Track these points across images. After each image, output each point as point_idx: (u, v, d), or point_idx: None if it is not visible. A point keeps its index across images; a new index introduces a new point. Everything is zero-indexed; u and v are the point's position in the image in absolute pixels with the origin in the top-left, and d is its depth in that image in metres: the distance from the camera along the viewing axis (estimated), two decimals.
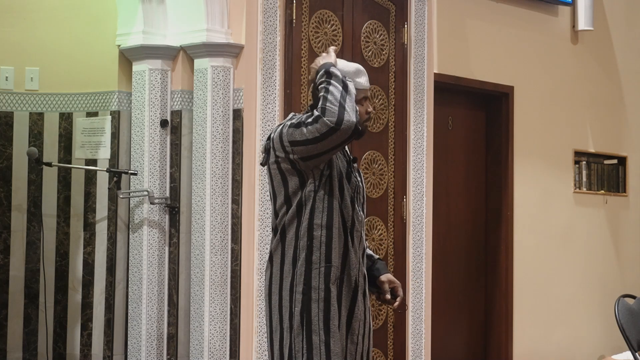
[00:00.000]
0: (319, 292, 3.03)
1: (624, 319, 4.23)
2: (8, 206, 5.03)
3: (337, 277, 3.06)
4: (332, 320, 3.03)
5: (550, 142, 6.74)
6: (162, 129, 4.87)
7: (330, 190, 3.07)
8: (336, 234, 3.07)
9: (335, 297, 3.05)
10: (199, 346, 4.69)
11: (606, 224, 7.19)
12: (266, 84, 4.66)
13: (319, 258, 3.05)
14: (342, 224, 3.08)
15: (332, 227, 3.06)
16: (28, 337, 5.03)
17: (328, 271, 3.04)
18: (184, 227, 4.85)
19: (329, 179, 3.07)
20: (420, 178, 5.29)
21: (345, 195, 3.10)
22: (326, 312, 3.03)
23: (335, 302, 3.05)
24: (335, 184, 3.08)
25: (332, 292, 3.04)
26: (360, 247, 3.18)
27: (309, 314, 3.03)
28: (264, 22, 4.66)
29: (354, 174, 3.18)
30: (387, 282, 3.25)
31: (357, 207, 3.15)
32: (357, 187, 3.18)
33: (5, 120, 5.06)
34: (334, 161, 3.08)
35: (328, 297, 3.03)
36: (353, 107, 2.96)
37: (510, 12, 6.46)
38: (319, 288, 3.03)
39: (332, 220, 3.06)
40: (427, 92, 5.34)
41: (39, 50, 5.11)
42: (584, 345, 6.92)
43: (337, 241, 3.07)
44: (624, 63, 7.36)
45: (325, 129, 2.92)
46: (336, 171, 3.09)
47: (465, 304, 6.33)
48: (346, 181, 3.12)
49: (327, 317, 3.03)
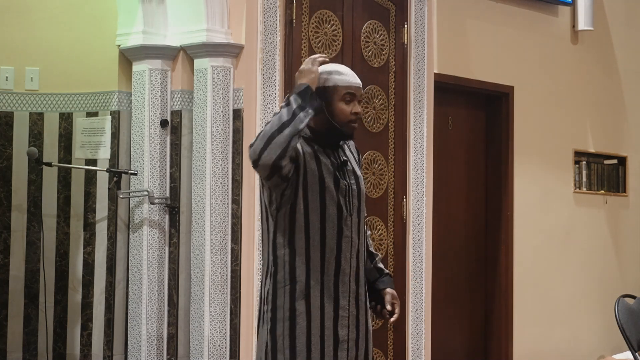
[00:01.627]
0: (284, 311, 3.04)
1: (624, 319, 4.23)
2: (8, 206, 5.03)
3: (304, 293, 3.04)
4: (297, 338, 3.03)
5: (550, 142, 6.74)
6: (162, 129, 4.87)
7: (293, 208, 3.04)
8: (301, 250, 3.04)
9: (303, 314, 3.04)
10: (199, 346, 4.69)
11: (606, 224, 7.19)
12: (266, 84, 4.66)
13: (283, 277, 3.05)
14: (321, 235, 3.06)
15: (295, 245, 3.05)
16: (28, 337, 5.03)
17: (293, 289, 3.04)
18: (184, 227, 4.85)
19: (293, 196, 3.04)
20: (420, 178, 5.29)
21: (328, 206, 3.07)
22: (292, 330, 3.03)
23: (302, 320, 3.04)
24: (299, 202, 3.04)
25: (298, 310, 3.04)
26: (354, 251, 3.13)
27: (274, 333, 3.05)
28: (264, 22, 4.66)
29: (345, 178, 3.13)
30: (392, 296, 3.23)
31: (347, 212, 3.11)
32: (348, 191, 3.12)
33: (5, 120, 5.06)
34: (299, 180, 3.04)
35: (294, 316, 3.03)
36: (283, 144, 2.89)
37: (510, 12, 6.46)
38: (284, 307, 3.04)
39: (293, 238, 3.04)
40: (427, 92, 5.34)
41: (39, 50, 5.11)
42: (584, 345, 6.92)
43: (303, 258, 3.05)
44: (624, 63, 7.36)
45: (250, 160, 2.95)
46: (307, 185, 3.04)
47: (465, 304, 6.33)
48: (333, 189, 3.07)
49: (293, 335, 3.03)
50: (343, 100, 3.10)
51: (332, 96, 3.10)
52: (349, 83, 3.12)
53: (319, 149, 3.11)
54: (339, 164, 3.14)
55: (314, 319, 3.05)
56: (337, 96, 3.10)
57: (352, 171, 3.18)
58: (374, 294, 3.26)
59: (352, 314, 3.13)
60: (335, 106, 3.10)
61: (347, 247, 3.11)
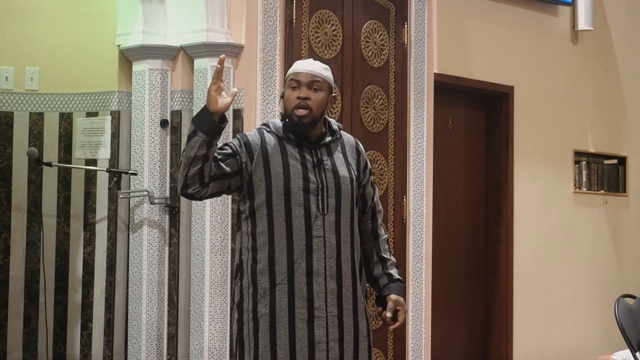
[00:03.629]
0: (248, 312, 3.08)
1: (624, 319, 4.22)
2: (8, 206, 5.03)
3: (268, 295, 3.06)
4: (260, 339, 3.05)
5: (550, 142, 6.74)
6: (162, 129, 4.87)
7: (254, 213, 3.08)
8: (263, 254, 3.06)
9: (266, 315, 3.05)
10: (199, 346, 4.69)
11: (606, 224, 7.19)
12: (266, 84, 4.66)
13: (247, 281, 3.09)
14: (287, 237, 3.05)
15: (257, 248, 3.07)
16: (28, 337, 5.03)
17: (256, 292, 3.06)
18: (184, 227, 4.85)
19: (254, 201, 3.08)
20: (420, 178, 5.29)
21: (293, 207, 3.06)
22: (255, 332, 3.06)
23: (266, 322, 3.05)
24: (262, 206, 3.07)
25: (260, 312, 3.05)
26: (330, 251, 3.09)
27: (241, 334, 3.10)
28: (264, 22, 4.66)
29: (319, 177, 3.11)
30: (395, 302, 3.20)
31: (318, 212, 3.08)
32: (320, 190, 3.10)
33: (5, 120, 5.06)
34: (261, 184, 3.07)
35: (256, 317, 3.06)
36: (182, 175, 3.01)
37: (510, 12, 6.46)
38: (248, 309, 3.08)
39: (256, 242, 3.07)
40: (427, 92, 5.34)
41: (39, 50, 5.11)
42: (584, 345, 6.92)
43: (265, 262, 3.06)
44: (624, 63, 7.36)
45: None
46: (271, 189, 3.06)
47: (465, 304, 6.33)
48: (300, 189, 3.07)
49: (257, 337, 3.06)
50: (289, 87, 3.13)
51: (284, 89, 3.16)
52: (294, 70, 3.16)
53: (293, 148, 3.11)
54: (314, 161, 3.12)
55: (279, 320, 3.05)
56: (287, 86, 3.14)
57: (332, 170, 3.14)
58: (381, 300, 3.24)
59: (331, 314, 3.09)
60: (285, 96, 3.14)
61: (319, 247, 3.08)
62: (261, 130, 3.16)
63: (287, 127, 3.13)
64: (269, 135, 3.14)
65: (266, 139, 3.12)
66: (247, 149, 3.09)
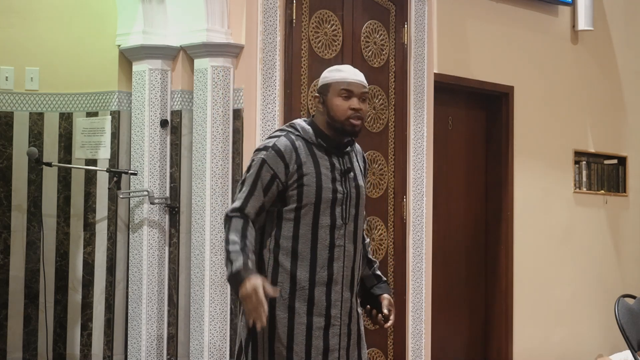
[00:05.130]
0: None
1: (624, 319, 4.23)
2: (8, 206, 5.03)
3: (287, 303, 3.05)
4: (276, 343, 3.05)
5: (550, 142, 6.74)
6: (162, 129, 4.87)
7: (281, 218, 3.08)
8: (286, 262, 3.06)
9: (285, 320, 3.05)
10: (199, 346, 4.69)
11: (606, 224, 7.19)
12: (266, 84, 4.66)
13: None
14: (312, 246, 3.06)
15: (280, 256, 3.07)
16: (28, 337, 5.03)
17: (275, 299, 3.03)
18: (184, 227, 4.85)
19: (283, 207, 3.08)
20: (420, 178, 5.29)
21: (321, 216, 3.08)
22: (270, 338, 3.06)
23: (283, 326, 3.05)
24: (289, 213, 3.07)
25: (279, 317, 3.05)
26: (348, 261, 3.12)
27: (255, 338, 3.08)
28: (264, 22, 4.66)
29: (345, 186, 3.13)
30: (389, 302, 3.22)
31: (342, 222, 3.10)
32: (345, 200, 3.12)
33: (5, 120, 5.06)
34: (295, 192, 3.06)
35: (274, 323, 3.05)
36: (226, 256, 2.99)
37: (510, 12, 6.46)
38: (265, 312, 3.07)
39: (278, 249, 3.07)
40: (427, 92, 5.34)
41: (39, 50, 5.11)
42: (584, 345, 6.92)
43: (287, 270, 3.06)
44: (624, 63, 7.36)
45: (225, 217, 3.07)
46: (302, 196, 3.06)
47: (465, 304, 6.33)
48: (329, 199, 3.08)
49: (272, 342, 3.05)
50: (340, 96, 3.10)
51: (328, 94, 3.12)
52: (344, 79, 3.12)
53: (323, 156, 3.10)
54: (342, 170, 3.13)
55: (297, 327, 3.05)
56: (333, 93, 3.10)
57: (354, 179, 3.17)
58: (371, 299, 3.25)
59: (344, 323, 3.12)
60: (332, 103, 3.10)
61: (339, 256, 3.10)
62: (290, 136, 3.11)
63: (318, 133, 3.12)
64: (299, 141, 3.10)
65: (297, 146, 3.08)
66: (282, 161, 3.06)
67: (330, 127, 3.11)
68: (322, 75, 3.18)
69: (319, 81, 3.20)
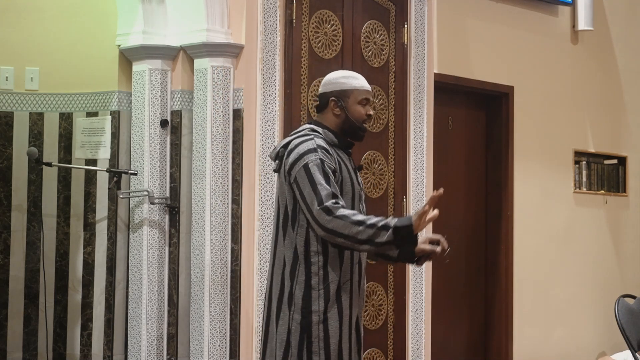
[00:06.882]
0: (319, 314, 3.17)
1: (624, 319, 4.23)
2: (8, 206, 5.03)
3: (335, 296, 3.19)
4: (331, 338, 3.17)
5: (550, 142, 6.74)
6: (162, 129, 4.87)
7: None
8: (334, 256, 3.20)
9: (336, 315, 3.18)
10: (199, 346, 4.69)
11: (606, 224, 7.19)
12: (266, 84, 4.66)
13: (317, 282, 3.19)
14: None
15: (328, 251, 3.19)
16: (28, 337, 5.03)
17: (327, 293, 3.18)
18: (184, 227, 4.85)
19: None
20: (420, 178, 5.29)
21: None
22: (326, 332, 3.17)
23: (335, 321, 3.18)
24: None
25: (331, 312, 3.18)
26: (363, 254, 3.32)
27: (309, 336, 3.17)
28: (264, 22, 4.66)
29: (358, 182, 3.33)
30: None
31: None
32: (359, 195, 3.32)
33: (5, 120, 5.06)
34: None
35: (326, 318, 3.17)
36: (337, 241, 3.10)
37: (510, 12, 6.47)
38: (319, 311, 3.17)
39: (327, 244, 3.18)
40: (427, 92, 5.34)
41: (39, 50, 5.11)
42: (584, 345, 6.92)
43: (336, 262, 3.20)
44: (624, 63, 7.36)
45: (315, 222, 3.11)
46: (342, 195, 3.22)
47: (465, 304, 6.33)
48: (356, 195, 3.29)
49: (327, 337, 3.18)
50: (360, 103, 3.33)
51: (350, 99, 3.32)
52: (363, 87, 3.36)
53: (342, 155, 3.31)
54: (354, 169, 3.35)
55: (344, 319, 3.20)
56: (354, 99, 3.32)
57: (358, 178, 3.38)
58: None
59: (363, 313, 3.38)
60: (354, 108, 3.32)
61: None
62: (319, 138, 3.27)
63: (335, 135, 3.33)
64: (324, 143, 3.27)
65: (326, 146, 3.26)
66: (331, 158, 3.23)
67: (342, 130, 3.33)
68: (335, 80, 3.35)
69: (329, 85, 3.35)
